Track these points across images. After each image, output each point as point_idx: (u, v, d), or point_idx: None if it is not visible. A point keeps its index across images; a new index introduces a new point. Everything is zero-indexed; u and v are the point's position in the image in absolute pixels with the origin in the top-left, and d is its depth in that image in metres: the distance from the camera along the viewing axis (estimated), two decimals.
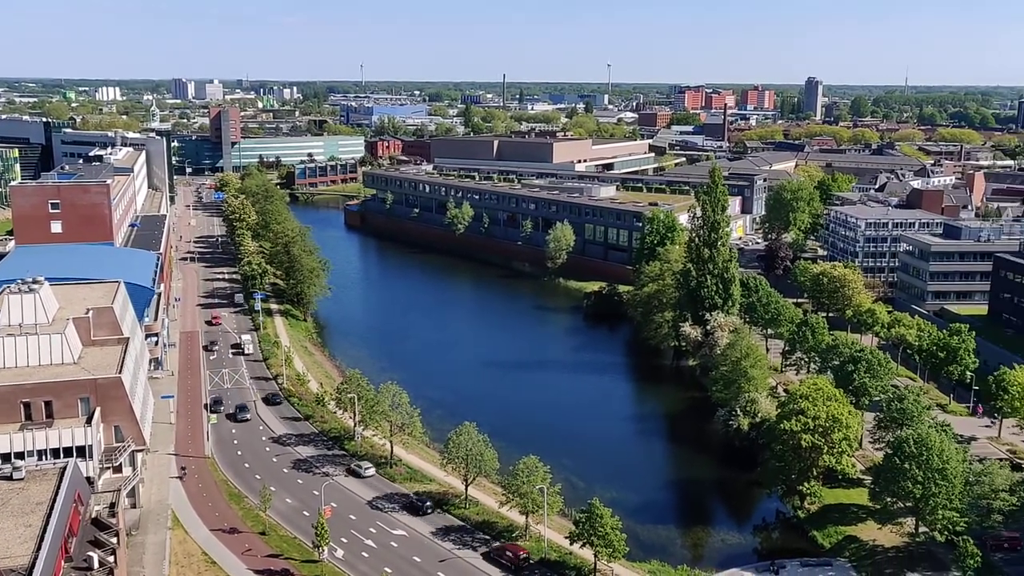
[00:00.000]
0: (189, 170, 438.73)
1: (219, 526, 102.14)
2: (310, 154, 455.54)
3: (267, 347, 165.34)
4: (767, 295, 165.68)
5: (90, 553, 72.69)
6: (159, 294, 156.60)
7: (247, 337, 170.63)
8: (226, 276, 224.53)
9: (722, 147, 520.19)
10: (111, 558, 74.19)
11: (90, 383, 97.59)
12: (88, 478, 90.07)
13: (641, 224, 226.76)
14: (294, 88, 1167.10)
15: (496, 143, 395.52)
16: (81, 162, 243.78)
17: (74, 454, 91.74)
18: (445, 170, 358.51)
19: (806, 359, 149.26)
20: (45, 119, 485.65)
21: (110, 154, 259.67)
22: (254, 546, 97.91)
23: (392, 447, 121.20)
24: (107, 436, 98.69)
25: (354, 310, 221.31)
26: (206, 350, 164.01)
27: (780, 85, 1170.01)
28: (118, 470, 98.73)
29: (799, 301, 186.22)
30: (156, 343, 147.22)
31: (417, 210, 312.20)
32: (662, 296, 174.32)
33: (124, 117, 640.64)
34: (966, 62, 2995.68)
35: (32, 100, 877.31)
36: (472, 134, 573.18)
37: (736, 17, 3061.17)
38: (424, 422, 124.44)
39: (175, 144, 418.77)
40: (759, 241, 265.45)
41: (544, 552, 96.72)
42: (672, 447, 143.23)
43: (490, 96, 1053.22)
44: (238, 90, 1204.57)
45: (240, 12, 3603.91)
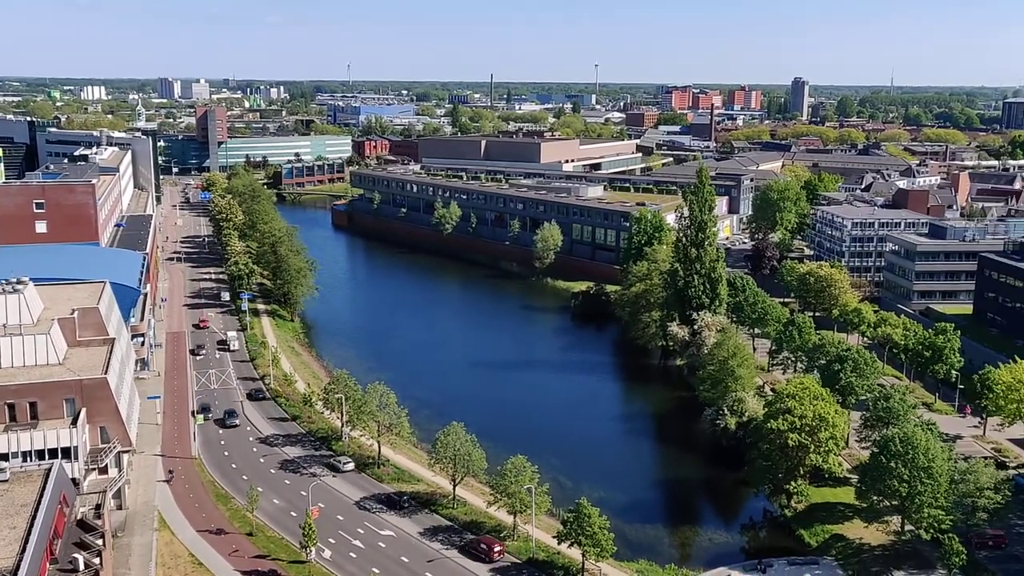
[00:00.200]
0: (175, 170, 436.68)
1: (206, 527, 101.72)
2: (297, 154, 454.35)
3: (254, 347, 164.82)
4: (754, 295, 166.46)
5: (75, 555, 72.24)
6: (145, 294, 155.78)
7: (232, 334, 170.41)
8: (213, 276, 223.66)
9: (709, 147, 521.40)
10: (97, 560, 73.77)
11: (75, 384, 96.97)
12: (73, 479, 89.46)
13: (628, 224, 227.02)
14: (281, 88, 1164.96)
15: (484, 143, 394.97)
16: (66, 162, 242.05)
17: (59, 455, 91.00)
18: (433, 170, 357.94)
19: (793, 358, 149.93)
20: (29, 118, 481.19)
21: (95, 154, 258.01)
22: (241, 547, 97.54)
23: (380, 447, 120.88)
24: (93, 437, 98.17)
25: (341, 310, 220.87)
26: (193, 354, 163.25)
27: (767, 85, 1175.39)
28: (104, 471, 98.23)
29: (786, 301, 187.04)
30: (142, 344, 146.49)
31: (404, 210, 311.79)
32: (649, 296, 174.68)
33: (110, 116, 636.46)
34: (951, 63, 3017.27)
35: (16, 99, 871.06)
36: (460, 134, 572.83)
37: (723, 18, 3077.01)
38: (412, 422, 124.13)
39: (161, 144, 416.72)
40: (746, 241, 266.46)
41: (532, 552, 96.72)
42: (659, 446, 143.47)
43: (478, 96, 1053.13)
44: (225, 89, 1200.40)
45: (227, 11, 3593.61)
